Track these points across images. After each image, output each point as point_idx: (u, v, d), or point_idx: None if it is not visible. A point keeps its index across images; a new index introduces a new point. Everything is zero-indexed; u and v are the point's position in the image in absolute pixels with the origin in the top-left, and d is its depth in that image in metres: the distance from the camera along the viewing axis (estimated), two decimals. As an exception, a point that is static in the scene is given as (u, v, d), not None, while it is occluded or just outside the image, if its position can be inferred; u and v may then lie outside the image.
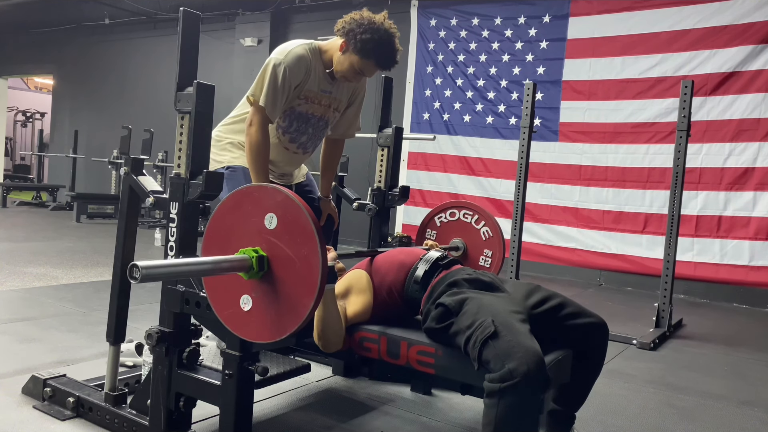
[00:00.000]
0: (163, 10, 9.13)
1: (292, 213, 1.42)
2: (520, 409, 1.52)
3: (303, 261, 1.40)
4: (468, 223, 2.76)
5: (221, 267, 1.45)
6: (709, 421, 2.51)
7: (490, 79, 6.62)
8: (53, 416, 2.07)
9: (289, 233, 1.43)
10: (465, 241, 2.76)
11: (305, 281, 1.40)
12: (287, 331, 1.42)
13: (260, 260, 1.44)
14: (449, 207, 2.82)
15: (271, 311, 1.45)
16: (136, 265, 1.22)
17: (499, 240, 2.68)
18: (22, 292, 3.96)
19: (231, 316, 1.52)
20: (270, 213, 1.45)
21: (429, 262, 1.99)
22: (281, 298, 1.43)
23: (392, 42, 2.30)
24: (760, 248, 5.22)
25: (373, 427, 2.18)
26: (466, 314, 1.71)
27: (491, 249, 2.70)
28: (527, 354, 1.52)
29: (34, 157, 13.27)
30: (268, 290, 1.46)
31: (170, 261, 1.38)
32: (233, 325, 1.52)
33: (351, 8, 7.80)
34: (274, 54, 2.32)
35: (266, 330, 1.46)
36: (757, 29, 5.27)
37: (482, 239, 2.72)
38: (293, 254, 1.42)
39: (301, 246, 1.41)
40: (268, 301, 1.45)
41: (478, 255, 2.72)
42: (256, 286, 1.47)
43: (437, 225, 2.82)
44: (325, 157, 2.73)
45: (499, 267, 2.69)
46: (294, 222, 1.42)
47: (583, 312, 1.90)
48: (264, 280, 1.46)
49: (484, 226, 2.72)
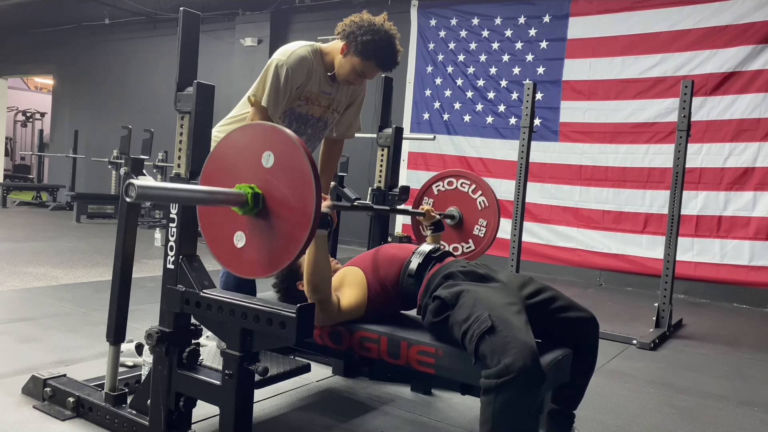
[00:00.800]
0: (163, 10, 9.13)
1: (290, 153, 1.44)
2: (517, 404, 1.52)
3: (298, 197, 1.42)
4: (465, 193, 2.78)
5: (216, 198, 1.47)
6: (709, 421, 2.51)
7: (490, 79, 6.62)
8: (53, 416, 2.07)
9: (286, 172, 1.44)
10: (461, 209, 2.78)
11: (299, 216, 1.41)
12: (277, 268, 1.45)
13: (255, 197, 1.46)
14: (448, 176, 2.84)
15: (263, 248, 1.47)
16: (132, 183, 1.22)
17: (495, 210, 2.71)
18: (22, 292, 3.96)
19: (224, 252, 1.55)
20: (268, 151, 1.46)
21: (422, 255, 2.00)
22: (275, 234, 1.45)
23: (393, 43, 2.30)
24: (760, 248, 5.22)
25: (373, 427, 2.18)
26: (463, 307, 1.71)
27: (486, 219, 2.73)
28: (523, 349, 1.53)
29: (34, 157, 13.27)
30: (262, 227, 1.47)
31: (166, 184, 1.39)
32: (227, 261, 1.55)
33: (351, 8, 7.82)
34: (277, 55, 2.32)
35: (257, 267, 1.49)
36: (757, 29, 5.27)
37: (478, 209, 2.74)
38: (289, 193, 1.43)
39: (297, 186, 1.42)
40: (261, 238, 1.48)
41: (473, 224, 2.75)
42: (250, 223, 1.49)
43: (435, 193, 2.85)
44: (324, 158, 2.73)
45: (493, 237, 2.72)
46: (291, 162, 1.43)
47: (573, 306, 1.91)
48: (258, 217, 1.48)
49: (481, 196, 2.74)
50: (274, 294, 2.20)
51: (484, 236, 2.71)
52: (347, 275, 2.02)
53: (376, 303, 1.99)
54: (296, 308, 1.52)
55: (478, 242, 2.76)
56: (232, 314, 1.63)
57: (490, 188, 2.75)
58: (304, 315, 1.54)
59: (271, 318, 1.55)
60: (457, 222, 2.77)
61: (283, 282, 2.14)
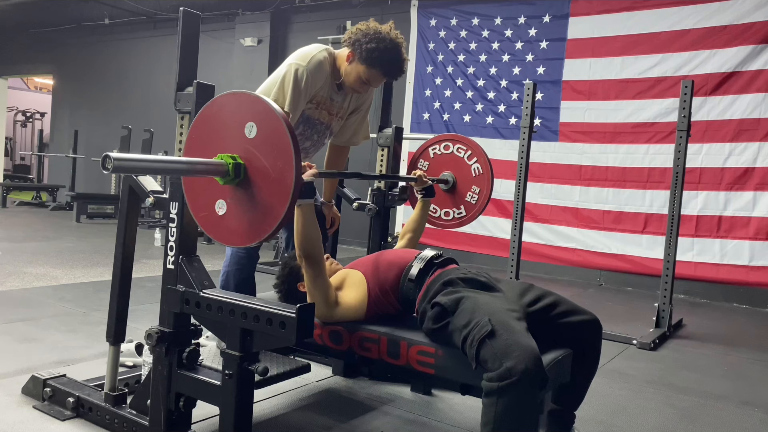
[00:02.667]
0: (163, 10, 9.13)
1: (272, 124, 1.44)
2: (518, 407, 1.52)
3: (278, 171, 1.42)
4: (460, 158, 2.78)
5: (196, 169, 1.48)
6: (709, 421, 2.51)
7: (490, 79, 6.62)
8: (53, 416, 2.07)
9: (268, 143, 1.44)
10: (455, 175, 2.78)
11: (279, 190, 1.42)
12: (258, 238, 1.45)
13: (237, 167, 1.46)
14: (444, 140, 2.85)
15: (244, 218, 1.48)
16: (108, 156, 1.22)
17: (489, 178, 2.72)
18: (22, 292, 3.96)
19: (205, 218, 1.56)
20: (250, 122, 1.47)
21: (424, 261, 1.99)
22: (256, 205, 1.46)
23: (398, 51, 2.30)
24: (760, 248, 5.22)
25: (373, 427, 2.18)
26: (463, 313, 1.71)
27: (479, 186, 2.73)
28: (525, 352, 1.52)
29: (34, 157, 13.28)
30: (243, 197, 1.48)
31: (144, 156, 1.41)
32: (207, 227, 1.56)
33: (351, 8, 7.83)
34: (295, 59, 2.30)
35: (238, 235, 1.50)
36: (757, 29, 5.27)
37: (472, 175, 2.75)
38: (269, 164, 1.44)
39: (278, 156, 1.42)
40: (242, 207, 1.48)
41: (466, 190, 2.75)
42: (232, 192, 1.50)
43: (430, 156, 2.85)
44: (329, 164, 2.73)
45: (484, 205, 2.73)
46: (273, 133, 1.43)
47: (576, 310, 1.91)
48: (240, 186, 1.48)
49: (476, 163, 2.74)
50: (274, 294, 2.20)
51: (475, 203, 2.72)
52: (348, 277, 2.02)
53: (375, 306, 1.99)
54: (296, 308, 1.52)
55: (469, 209, 2.77)
56: (232, 314, 1.63)
57: (485, 156, 2.76)
58: (304, 315, 1.54)
59: (271, 318, 1.55)
60: (451, 187, 2.78)
61: (284, 283, 2.14)
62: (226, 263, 2.51)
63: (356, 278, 2.01)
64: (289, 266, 2.13)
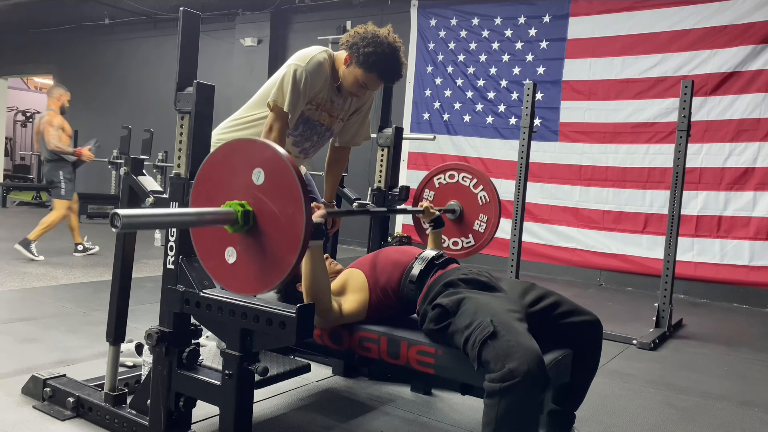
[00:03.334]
0: (163, 10, 9.13)
1: (280, 170, 1.42)
2: (520, 408, 1.52)
3: (288, 218, 1.41)
4: (466, 187, 2.76)
5: (205, 219, 1.46)
6: (709, 421, 2.51)
7: (490, 79, 6.62)
8: (53, 416, 2.07)
9: (276, 190, 1.43)
10: (462, 204, 2.76)
11: (289, 238, 1.40)
12: (270, 286, 1.44)
13: (246, 214, 1.45)
14: (449, 169, 2.82)
15: (255, 265, 1.46)
16: (117, 214, 1.20)
17: (496, 206, 2.69)
18: (22, 292, 3.96)
19: (215, 267, 1.54)
20: (258, 168, 1.45)
21: (424, 261, 1.99)
22: (266, 253, 1.44)
23: (396, 55, 2.30)
24: (760, 248, 5.22)
25: (373, 427, 2.18)
26: (464, 314, 1.71)
27: (487, 214, 2.71)
28: (527, 353, 1.52)
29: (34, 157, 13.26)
30: (253, 244, 1.46)
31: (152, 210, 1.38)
32: (218, 276, 1.54)
33: (351, 8, 7.82)
34: (295, 60, 2.30)
35: (249, 283, 1.48)
36: (757, 29, 5.27)
37: (479, 204, 2.72)
38: (278, 211, 1.42)
39: (287, 203, 1.41)
40: (252, 255, 1.46)
41: (474, 219, 2.73)
42: (242, 240, 1.48)
43: (436, 186, 2.83)
44: (330, 164, 2.73)
45: (492, 233, 2.70)
46: (281, 179, 1.42)
47: (577, 310, 1.90)
48: (249, 234, 1.47)
49: (482, 191, 2.72)
50: (273, 294, 2.20)
51: (484, 232, 2.70)
52: (349, 279, 2.01)
53: (376, 307, 1.98)
54: (296, 308, 1.52)
55: (478, 237, 2.75)
56: (232, 314, 1.63)
57: (491, 183, 2.73)
58: (304, 315, 1.54)
59: (271, 318, 1.55)
60: (458, 216, 2.75)
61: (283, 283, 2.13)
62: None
63: (358, 281, 2.00)
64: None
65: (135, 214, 1.26)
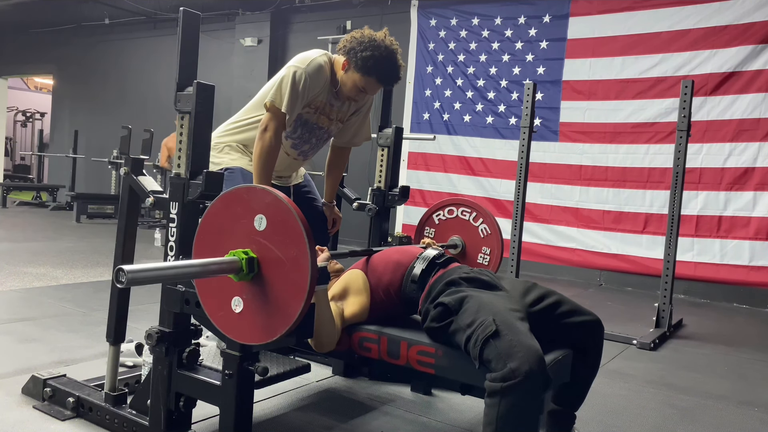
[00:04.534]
0: (163, 10, 9.13)
1: (282, 214, 1.41)
2: (521, 408, 1.52)
3: (292, 262, 1.39)
4: (466, 221, 2.75)
5: (210, 269, 1.44)
6: (709, 421, 2.51)
7: (490, 79, 6.62)
8: (53, 416, 2.07)
9: (279, 235, 1.41)
10: (463, 238, 2.75)
11: (295, 283, 1.39)
12: (278, 333, 1.41)
13: (250, 262, 1.43)
14: (448, 204, 2.82)
15: (262, 313, 1.44)
16: (122, 269, 1.20)
17: (498, 238, 2.68)
18: (22, 292, 3.96)
19: (223, 318, 1.51)
20: (259, 214, 1.44)
21: (426, 261, 1.99)
22: (272, 299, 1.42)
23: (393, 58, 2.30)
24: (760, 248, 5.22)
25: (373, 427, 2.18)
26: (466, 313, 1.71)
27: (489, 246, 2.70)
28: (529, 353, 1.53)
29: (34, 157, 13.27)
30: (259, 292, 1.44)
31: (157, 264, 1.36)
32: (225, 327, 1.51)
33: (351, 8, 7.82)
34: (295, 62, 2.31)
35: (257, 332, 1.45)
36: (757, 29, 5.27)
37: (480, 237, 2.72)
38: (283, 256, 1.41)
39: (291, 247, 1.39)
40: (258, 302, 1.45)
41: (477, 252, 2.72)
42: (247, 288, 1.46)
43: (435, 222, 2.82)
44: (330, 165, 2.74)
45: (497, 265, 2.69)
46: (283, 223, 1.41)
47: (578, 310, 1.91)
48: (254, 281, 1.45)
49: (483, 224, 2.71)
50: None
51: (488, 264, 2.68)
52: (351, 281, 2.01)
53: (378, 308, 1.98)
54: (296, 308, 1.52)
55: None
56: (232, 314, 1.63)
57: (490, 215, 2.73)
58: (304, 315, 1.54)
59: (271, 318, 1.55)
60: (461, 251, 2.73)
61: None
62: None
63: (359, 283, 1.99)
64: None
65: (140, 269, 1.25)
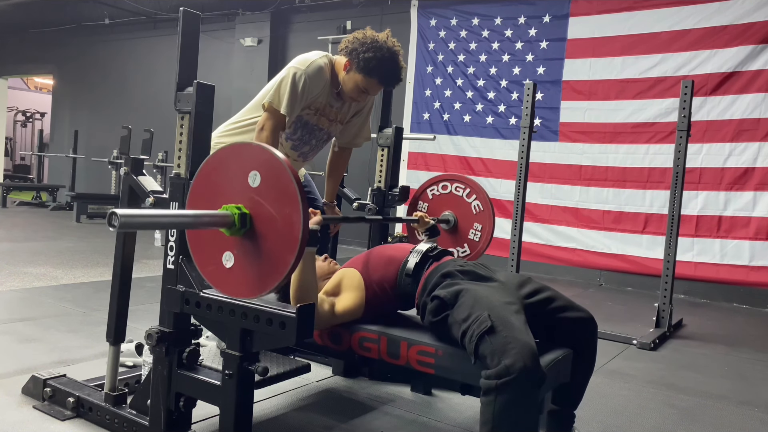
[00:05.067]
0: (163, 10, 9.13)
1: (276, 172, 1.42)
2: (517, 405, 1.52)
3: (285, 220, 1.40)
4: (459, 197, 2.77)
5: (202, 221, 1.46)
6: (709, 421, 2.51)
7: (490, 79, 6.62)
8: (53, 416, 2.07)
9: (273, 192, 1.43)
10: (456, 214, 2.78)
11: (286, 240, 1.40)
12: (267, 288, 1.44)
13: (243, 217, 1.45)
14: (442, 180, 2.83)
15: (252, 268, 1.46)
16: (115, 212, 1.20)
17: (490, 215, 2.70)
18: (22, 292, 3.96)
19: (213, 272, 1.53)
20: (254, 171, 1.45)
21: (419, 254, 1.99)
22: (263, 255, 1.44)
23: (395, 59, 2.30)
24: (760, 248, 5.22)
25: (373, 427, 2.18)
26: (462, 306, 1.72)
27: (481, 223, 2.72)
28: (523, 349, 1.53)
29: (34, 157, 13.27)
30: (250, 247, 1.46)
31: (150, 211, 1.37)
32: (215, 281, 1.53)
33: (351, 8, 7.82)
34: (295, 63, 2.31)
35: (246, 287, 1.47)
36: (757, 29, 5.27)
37: (473, 213, 2.74)
38: (276, 213, 1.42)
39: (284, 205, 1.41)
40: (249, 258, 1.46)
41: (468, 228, 2.74)
42: (238, 243, 1.48)
43: (429, 197, 2.84)
44: (331, 165, 2.74)
45: (488, 242, 2.72)
46: (277, 181, 1.42)
47: (572, 306, 1.92)
48: (246, 237, 1.46)
49: (476, 200, 2.73)
50: (274, 294, 2.20)
51: (479, 240, 2.71)
52: (345, 278, 2.01)
53: (374, 304, 1.99)
54: (296, 308, 1.53)
55: (473, 246, 2.76)
56: (232, 314, 1.63)
57: (484, 192, 2.75)
58: (304, 315, 1.54)
59: (271, 318, 1.55)
60: (453, 226, 2.76)
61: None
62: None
63: (353, 279, 2.00)
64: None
65: (133, 214, 1.27)
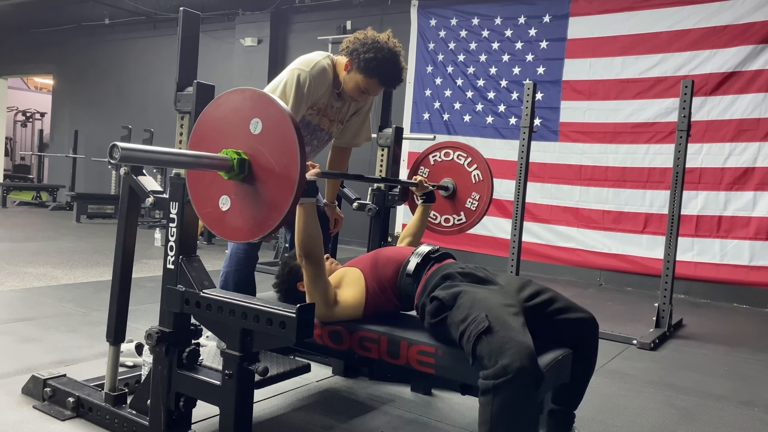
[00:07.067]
0: (163, 10, 9.13)
1: (277, 120, 1.44)
2: (515, 405, 1.52)
3: (283, 168, 1.43)
4: (461, 165, 2.79)
5: (201, 162, 1.48)
6: (709, 421, 2.51)
7: (490, 79, 6.62)
8: (53, 416, 2.07)
9: (273, 140, 1.45)
10: (455, 181, 2.80)
11: (283, 186, 1.42)
12: (261, 233, 1.46)
13: (241, 162, 1.47)
14: (445, 147, 2.87)
15: (248, 213, 1.49)
16: (116, 145, 1.22)
17: (489, 185, 2.73)
18: (22, 292, 3.96)
19: (209, 214, 1.56)
20: (256, 118, 1.47)
21: (420, 256, 2.00)
22: (259, 201, 1.47)
23: (396, 60, 2.31)
24: (760, 248, 5.21)
25: (373, 427, 2.18)
26: (460, 308, 1.72)
27: (479, 192, 2.74)
28: (520, 349, 1.53)
29: (34, 157, 13.27)
30: (247, 193, 1.49)
31: (151, 147, 1.40)
32: (211, 223, 1.56)
33: (351, 8, 7.82)
34: (299, 65, 2.31)
35: (241, 231, 1.50)
36: (757, 29, 5.27)
37: (472, 182, 2.76)
38: (274, 161, 1.44)
39: (283, 154, 1.43)
40: (245, 203, 1.49)
41: (466, 197, 2.76)
42: (236, 188, 1.50)
43: (431, 163, 2.86)
44: (331, 165, 2.74)
45: (483, 211, 2.75)
46: (278, 130, 1.44)
47: (573, 307, 1.91)
48: (244, 182, 1.49)
49: (476, 170, 2.75)
50: (274, 294, 2.21)
51: (475, 210, 2.73)
52: (346, 275, 2.03)
53: (374, 303, 1.99)
54: (296, 308, 1.53)
55: (469, 215, 2.78)
56: (232, 314, 1.63)
57: (485, 162, 2.77)
58: (304, 315, 1.54)
59: (271, 318, 1.55)
60: (451, 194, 2.79)
61: (284, 282, 2.14)
62: (226, 264, 2.51)
63: (354, 276, 2.01)
64: (288, 266, 2.13)
65: (134, 147, 1.29)
